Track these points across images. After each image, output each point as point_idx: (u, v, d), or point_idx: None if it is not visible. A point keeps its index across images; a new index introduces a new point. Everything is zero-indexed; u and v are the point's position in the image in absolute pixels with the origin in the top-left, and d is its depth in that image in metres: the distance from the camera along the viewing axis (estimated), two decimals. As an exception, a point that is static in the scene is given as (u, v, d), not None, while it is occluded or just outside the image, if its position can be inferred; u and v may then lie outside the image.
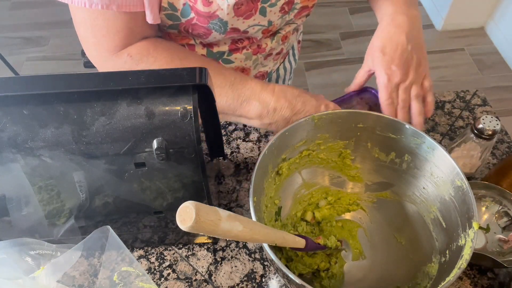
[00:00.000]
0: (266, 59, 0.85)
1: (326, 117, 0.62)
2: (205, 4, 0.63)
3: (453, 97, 0.89)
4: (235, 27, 0.69)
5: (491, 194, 0.68)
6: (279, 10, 0.70)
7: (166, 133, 0.51)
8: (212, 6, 0.63)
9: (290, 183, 0.68)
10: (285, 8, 0.71)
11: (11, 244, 0.57)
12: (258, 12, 0.68)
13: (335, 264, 0.64)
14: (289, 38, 0.85)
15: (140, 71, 0.50)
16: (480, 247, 0.66)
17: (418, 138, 0.60)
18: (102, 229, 0.56)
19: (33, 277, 0.55)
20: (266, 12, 0.69)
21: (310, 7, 0.76)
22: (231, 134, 0.82)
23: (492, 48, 2.29)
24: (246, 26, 0.70)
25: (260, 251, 0.68)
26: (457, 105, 0.87)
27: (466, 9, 2.28)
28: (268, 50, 0.82)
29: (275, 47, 0.83)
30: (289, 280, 0.50)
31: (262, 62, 0.85)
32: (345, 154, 0.68)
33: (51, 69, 2.23)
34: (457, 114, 0.86)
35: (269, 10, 0.69)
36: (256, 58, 0.82)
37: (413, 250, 0.64)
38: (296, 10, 0.74)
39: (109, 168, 0.53)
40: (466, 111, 0.86)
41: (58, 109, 0.50)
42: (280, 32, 0.80)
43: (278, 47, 0.84)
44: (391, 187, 0.68)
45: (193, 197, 0.58)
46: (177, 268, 0.66)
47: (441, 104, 0.87)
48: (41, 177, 0.54)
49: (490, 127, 0.64)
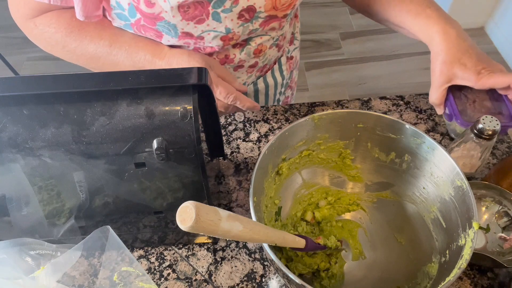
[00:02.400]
0: (236, 70, 0.81)
1: (326, 117, 0.62)
2: (148, 5, 0.62)
3: (453, 97, 0.89)
4: (187, 31, 0.67)
5: (491, 194, 0.68)
6: (237, 17, 0.67)
7: (166, 133, 0.51)
8: (155, 8, 0.63)
9: (290, 183, 0.68)
10: (245, 15, 0.68)
11: (11, 244, 0.57)
12: (210, 17, 0.66)
13: (335, 264, 0.64)
14: (265, 52, 0.81)
15: (140, 71, 0.50)
16: (480, 247, 0.66)
17: (418, 138, 0.60)
18: (102, 229, 0.56)
19: (33, 277, 0.55)
20: (221, 18, 0.66)
21: (281, 17, 0.72)
22: (231, 134, 0.82)
23: (492, 48, 2.29)
24: (199, 31, 0.68)
25: (260, 251, 0.68)
26: (457, 105, 0.87)
27: (466, 9, 2.28)
28: (237, 62, 0.79)
29: (246, 59, 0.79)
30: (289, 280, 0.50)
31: (233, 73, 0.82)
32: (345, 154, 0.68)
33: (51, 69, 2.23)
34: (457, 114, 0.86)
35: (224, 16, 0.66)
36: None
37: (413, 250, 0.64)
38: (261, 19, 0.70)
39: (109, 168, 0.53)
40: (466, 111, 0.86)
41: (58, 109, 0.50)
42: (250, 44, 0.76)
43: (250, 60, 0.80)
44: (391, 187, 0.68)
45: (193, 197, 0.58)
46: (177, 268, 0.66)
47: (441, 104, 0.87)
48: (41, 177, 0.54)
49: (490, 127, 0.64)
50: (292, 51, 0.96)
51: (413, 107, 0.87)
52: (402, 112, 0.86)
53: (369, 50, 2.30)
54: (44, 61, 2.28)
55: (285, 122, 0.84)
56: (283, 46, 0.87)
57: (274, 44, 0.81)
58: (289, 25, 0.84)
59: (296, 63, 1.01)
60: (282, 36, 0.82)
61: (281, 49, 0.87)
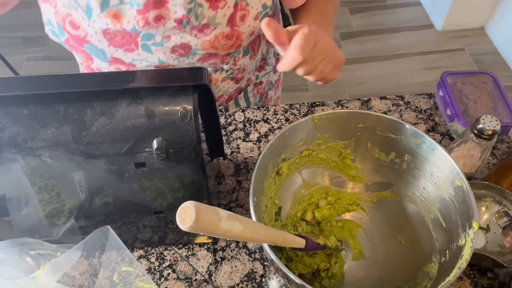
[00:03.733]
0: None
1: (326, 117, 0.62)
2: (73, 27, 0.62)
3: (453, 97, 0.89)
4: (117, 57, 0.66)
5: (491, 194, 0.68)
6: (170, 51, 0.66)
7: (166, 133, 0.51)
8: (79, 31, 0.62)
9: (290, 183, 0.68)
10: (179, 50, 0.67)
11: (11, 244, 0.57)
12: (140, 47, 0.65)
13: (335, 264, 0.64)
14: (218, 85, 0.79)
15: (140, 71, 0.50)
16: (480, 247, 0.66)
17: (418, 138, 0.60)
18: (102, 229, 0.56)
19: (33, 277, 0.55)
20: (151, 50, 0.66)
21: (223, 55, 0.70)
22: (231, 134, 0.82)
23: (492, 48, 2.29)
24: (130, 59, 0.67)
25: (260, 251, 0.68)
26: (457, 105, 0.87)
27: (466, 9, 2.28)
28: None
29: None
30: (289, 280, 0.50)
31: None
32: (345, 154, 0.68)
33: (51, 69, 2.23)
34: (457, 114, 0.86)
35: (155, 48, 0.65)
36: None
37: (413, 250, 0.64)
38: (199, 55, 0.69)
39: (109, 168, 0.53)
40: (466, 111, 0.86)
41: (58, 109, 0.50)
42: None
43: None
44: (391, 187, 0.68)
45: (193, 197, 0.58)
46: (177, 268, 0.66)
47: (441, 104, 0.87)
48: (41, 177, 0.54)
49: (490, 127, 0.64)
50: (261, 77, 0.91)
51: (413, 107, 0.87)
52: (402, 112, 0.86)
53: (369, 50, 2.30)
54: (44, 61, 2.28)
55: (285, 122, 0.84)
56: (244, 78, 0.84)
57: (228, 77, 0.79)
58: (251, 57, 0.80)
59: (274, 84, 0.97)
60: (239, 69, 0.79)
61: (240, 81, 0.83)
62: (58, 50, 2.34)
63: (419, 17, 2.46)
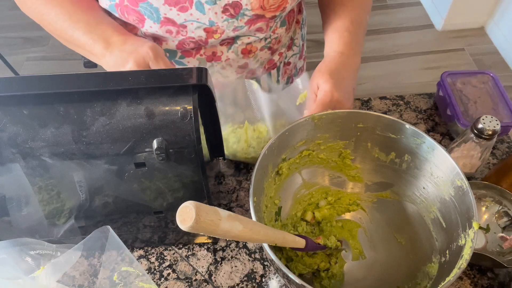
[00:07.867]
0: (224, 69, 0.80)
1: (326, 117, 0.62)
2: None
3: (453, 97, 0.89)
4: (170, 17, 0.67)
5: (491, 194, 0.68)
6: (221, 11, 0.67)
7: (166, 133, 0.51)
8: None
9: (290, 183, 0.68)
10: (229, 10, 0.67)
11: (11, 244, 0.57)
12: (193, 6, 0.66)
13: (335, 264, 0.64)
14: (256, 54, 0.79)
15: (140, 71, 0.50)
16: (480, 247, 0.66)
17: (418, 138, 0.60)
18: (102, 229, 0.56)
19: (33, 277, 0.55)
20: (204, 9, 0.66)
21: (269, 18, 0.72)
22: (231, 134, 0.82)
23: (492, 48, 2.29)
24: (182, 19, 0.67)
25: (260, 251, 0.68)
26: (457, 105, 0.87)
27: (466, 9, 2.28)
28: (224, 60, 0.78)
29: (234, 58, 0.78)
30: (289, 280, 0.49)
31: (220, 71, 0.81)
32: (345, 154, 0.68)
33: (51, 69, 2.23)
34: (457, 114, 0.86)
35: (208, 7, 0.66)
36: (211, 65, 0.79)
37: (413, 250, 0.64)
38: (247, 17, 0.70)
39: (109, 168, 0.53)
40: (466, 111, 0.86)
41: (58, 109, 0.50)
42: (237, 43, 0.75)
43: (239, 60, 0.79)
44: (391, 187, 0.68)
45: (193, 197, 0.58)
46: (177, 268, 0.66)
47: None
48: (41, 177, 0.54)
49: (490, 127, 0.64)
50: (290, 57, 0.93)
51: (413, 107, 0.87)
52: (402, 112, 0.86)
53: (369, 50, 2.30)
54: (44, 61, 2.28)
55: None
56: (278, 50, 0.85)
57: (266, 46, 0.80)
58: (286, 30, 0.82)
59: (299, 71, 0.99)
60: (276, 39, 0.81)
61: (275, 52, 0.85)
62: (58, 50, 2.34)
63: (419, 17, 2.46)
